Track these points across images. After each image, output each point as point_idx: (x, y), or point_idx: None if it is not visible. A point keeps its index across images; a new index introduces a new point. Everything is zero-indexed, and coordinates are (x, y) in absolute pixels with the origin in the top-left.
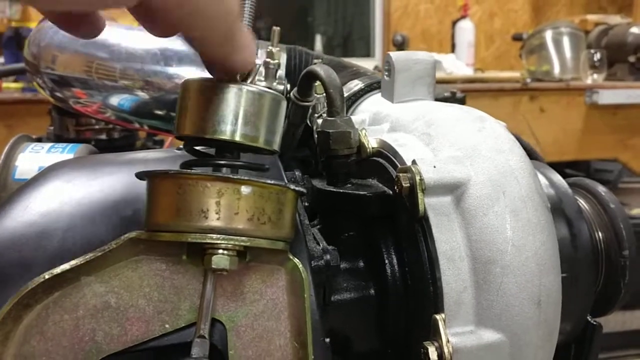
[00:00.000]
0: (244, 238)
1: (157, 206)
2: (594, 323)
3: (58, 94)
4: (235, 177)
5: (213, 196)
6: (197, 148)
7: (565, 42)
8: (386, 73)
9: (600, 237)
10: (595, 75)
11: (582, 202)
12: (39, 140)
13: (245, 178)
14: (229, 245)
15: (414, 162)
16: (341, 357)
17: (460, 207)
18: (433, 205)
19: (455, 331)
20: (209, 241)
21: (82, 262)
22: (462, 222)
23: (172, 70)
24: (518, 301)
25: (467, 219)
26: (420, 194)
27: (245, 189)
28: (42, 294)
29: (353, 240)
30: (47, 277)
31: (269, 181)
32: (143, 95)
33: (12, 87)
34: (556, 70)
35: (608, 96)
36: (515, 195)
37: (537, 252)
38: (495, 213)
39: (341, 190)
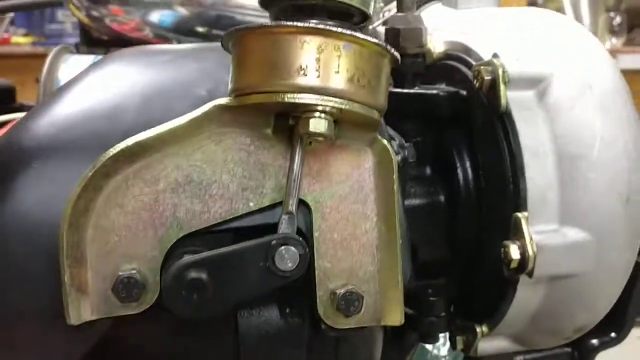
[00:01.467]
0: (342, 100)
1: (248, 65)
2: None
3: (94, 13)
4: (337, 30)
5: (312, 52)
6: None
7: (584, 5)
8: None
9: None
10: (614, 40)
11: None
12: None
13: (348, 32)
14: (327, 108)
15: (495, 54)
16: None
17: (544, 101)
18: (515, 100)
19: (539, 229)
20: (306, 102)
21: (165, 130)
22: (546, 117)
23: None
24: (606, 198)
25: (551, 113)
26: (502, 87)
27: (346, 46)
28: (123, 164)
29: (421, 146)
30: (130, 143)
31: (370, 39)
32: (183, 11)
33: (22, 42)
34: None
35: (627, 61)
36: (603, 89)
37: (627, 147)
38: (582, 107)
39: (411, 91)
